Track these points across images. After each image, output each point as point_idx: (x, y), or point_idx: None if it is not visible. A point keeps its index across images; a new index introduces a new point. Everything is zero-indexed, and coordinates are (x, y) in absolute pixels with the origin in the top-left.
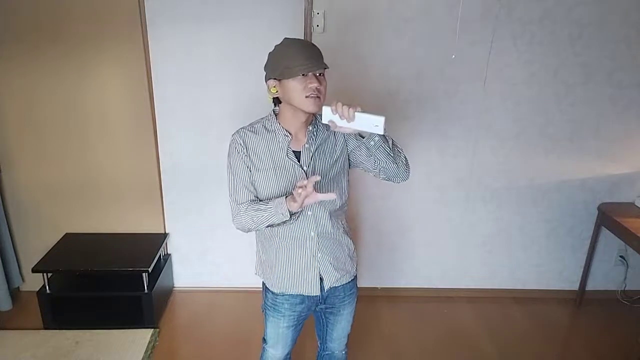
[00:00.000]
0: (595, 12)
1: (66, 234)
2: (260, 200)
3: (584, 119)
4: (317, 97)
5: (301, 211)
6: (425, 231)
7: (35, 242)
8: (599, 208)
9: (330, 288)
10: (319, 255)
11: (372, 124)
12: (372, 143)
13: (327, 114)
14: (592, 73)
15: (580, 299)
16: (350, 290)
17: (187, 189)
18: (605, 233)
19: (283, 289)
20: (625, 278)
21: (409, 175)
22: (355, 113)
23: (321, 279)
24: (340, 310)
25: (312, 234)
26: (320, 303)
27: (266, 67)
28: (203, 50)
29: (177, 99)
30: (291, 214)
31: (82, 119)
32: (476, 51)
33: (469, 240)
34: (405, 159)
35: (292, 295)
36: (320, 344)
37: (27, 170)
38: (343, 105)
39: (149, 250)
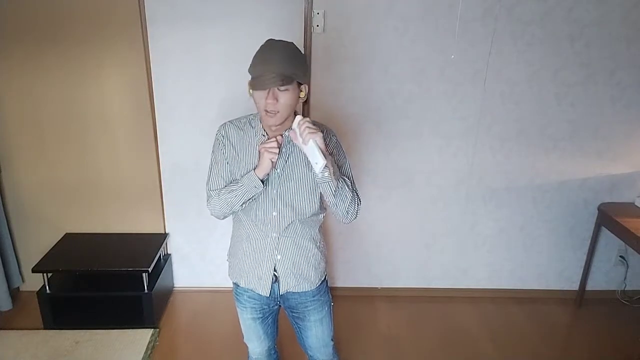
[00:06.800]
0: (595, 12)
1: (66, 234)
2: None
3: (584, 119)
4: (275, 112)
5: (270, 178)
6: (425, 231)
7: (35, 242)
8: (599, 208)
9: (288, 292)
10: (279, 257)
11: (315, 160)
12: (318, 174)
13: (295, 124)
14: (592, 73)
15: (580, 299)
16: (313, 297)
17: (187, 189)
18: (605, 233)
19: (237, 279)
20: (625, 278)
21: (348, 221)
22: (311, 141)
23: (278, 282)
24: (306, 316)
25: (274, 234)
26: (280, 302)
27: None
28: (203, 50)
29: (177, 99)
30: (263, 182)
31: (82, 119)
32: (476, 51)
33: (469, 240)
34: (349, 208)
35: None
36: (305, 353)
37: (27, 170)
38: (307, 126)
39: (149, 250)
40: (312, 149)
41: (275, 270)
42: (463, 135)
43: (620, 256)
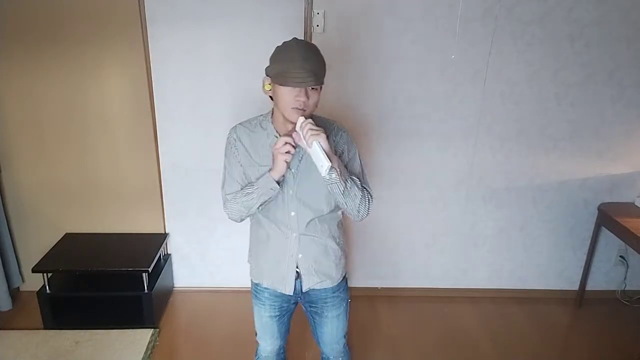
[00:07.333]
0: (595, 12)
1: (66, 234)
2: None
3: (584, 119)
4: (303, 109)
5: (285, 179)
6: (426, 231)
7: (35, 242)
8: (599, 208)
9: (311, 289)
10: (300, 256)
11: (319, 162)
12: (325, 177)
13: (298, 126)
14: (592, 73)
15: (580, 299)
16: (334, 293)
17: (187, 189)
18: (605, 233)
19: (260, 279)
20: (625, 278)
21: (359, 219)
22: (314, 143)
23: (300, 279)
24: (323, 312)
25: (294, 234)
26: (300, 299)
27: (269, 60)
28: (203, 50)
29: (177, 99)
30: (279, 183)
31: (82, 119)
32: (476, 51)
33: (469, 240)
34: (360, 207)
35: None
36: (318, 346)
37: (27, 170)
38: (309, 128)
39: (149, 250)
40: (316, 151)
41: (297, 268)
42: (463, 135)
43: (620, 256)
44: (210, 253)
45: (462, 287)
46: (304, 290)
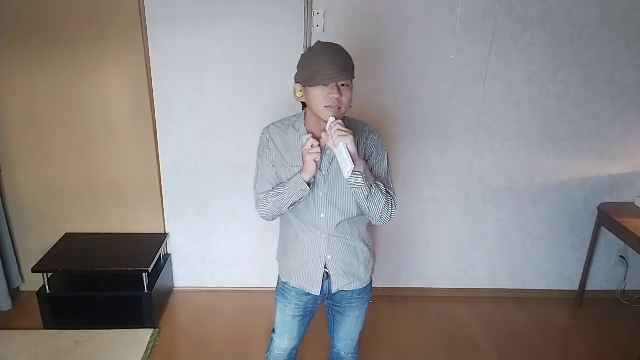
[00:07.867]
0: (595, 12)
1: (66, 234)
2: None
3: (584, 119)
4: (338, 107)
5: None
6: (425, 231)
7: (35, 242)
8: (599, 208)
9: (339, 290)
10: (330, 257)
11: (344, 164)
12: (350, 180)
13: (327, 126)
14: (592, 73)
15: (580, 299)
16: (360, 294)
17: (187, 189)
18: (605, 233)
19: (288, 278)
20: (625, 278)
21: (381, 224)
22: (341, 144)
23: (329, 280)
24: (346, 311)
25: (324, 236)
26: (327, 299)
27: (297, 68)
28: (203, 51)
29: (177, 99)
30: (309, 184)
31: (83, 119)
32: (476, 51)
33: (469, 240)
34: (382, 213)
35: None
36: (331, 340)
37: (28, 170)
38: (337, 129)
39: (149, 250)
40: (342, 152)
41: (326, 268)
42: (463, 135)
43: (620, 256)
44: (210, 253)
45: (462, 287)
46: (333, 292)
